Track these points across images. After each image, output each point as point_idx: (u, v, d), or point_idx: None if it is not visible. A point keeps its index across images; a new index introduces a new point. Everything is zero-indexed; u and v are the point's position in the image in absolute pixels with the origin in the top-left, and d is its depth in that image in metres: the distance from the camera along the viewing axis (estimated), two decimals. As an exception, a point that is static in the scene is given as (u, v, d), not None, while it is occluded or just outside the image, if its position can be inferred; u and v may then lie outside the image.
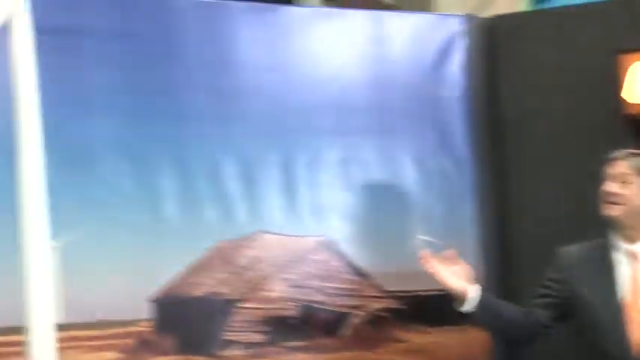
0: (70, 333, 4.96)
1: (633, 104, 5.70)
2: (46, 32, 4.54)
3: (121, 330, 5.20)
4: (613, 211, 4.64)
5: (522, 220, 5.96)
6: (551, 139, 5.86)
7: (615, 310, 4.61)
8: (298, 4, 8.59)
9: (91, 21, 5.24)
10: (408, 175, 5.97)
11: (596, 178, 4.71)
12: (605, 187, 4.66)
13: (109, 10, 5.32)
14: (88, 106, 5.21)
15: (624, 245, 4.68)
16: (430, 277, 5.45)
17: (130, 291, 5.23)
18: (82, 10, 5.24)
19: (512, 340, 5.17)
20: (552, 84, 5.94)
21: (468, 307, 4.73)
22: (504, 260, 6.00)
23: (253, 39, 5.70)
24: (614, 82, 5.73)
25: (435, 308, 5.74)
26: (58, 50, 5.03)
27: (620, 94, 5.71)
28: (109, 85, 5.26)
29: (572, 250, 4.84)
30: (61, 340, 4.62)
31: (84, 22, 5.23)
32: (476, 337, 5.77)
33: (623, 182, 4.64)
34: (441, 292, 5.62)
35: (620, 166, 4.68)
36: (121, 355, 5.18)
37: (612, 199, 4.64)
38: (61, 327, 4.69)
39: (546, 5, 6.97)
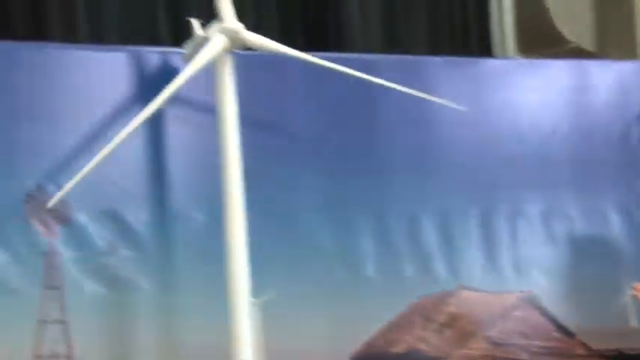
0: None
1: None
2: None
3: None
4: None
5: None
6: None
7: None
8: (497, 57, 8.65)
9: (290, 86, 5.33)
10: (614, 228, 5.84)
11: None
12: None
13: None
14: (289, 165, 5.28)
15: None
16: (638, 333, 5.51)
17: (330, 347, 5.23)
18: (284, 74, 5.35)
19: None
20: None
21: None
22: None
23: (454, 93, 5.62)
24: None
25: None
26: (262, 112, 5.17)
27: None
28: (311, 146, 5.33)
29: None
30: None
31: (285, 86, 5.30)
32: None
33: None
34: None
35: None
36: None
37: None
38: None
39: None
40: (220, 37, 4.75)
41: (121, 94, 5.10)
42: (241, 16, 4.88)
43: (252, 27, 4.93)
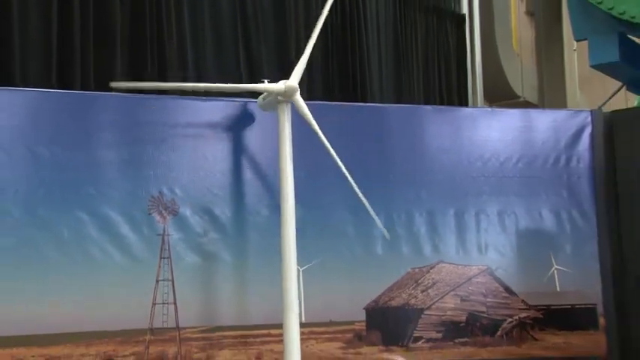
0: (310, 329, 4.94)
1: None
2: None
3: (344, 328, 5.08)
4: None
5: (633, 258, 5.48)
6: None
7: None
8: (470, 106, 8.55)
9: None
10: (546, 223, 5.60)
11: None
12: None
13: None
14: (326, 178, 5.06)
15: None
16: (561, 295, 5.44)
17: (350, 302, 5.11)
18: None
19: None
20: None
21: None
22: (619, 287, 5.51)
23: (440, 130, 5.50)
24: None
25: (563, 318, 5.47)
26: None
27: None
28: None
29: None
30: (304, 333, 4.66)
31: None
32: (592, 338, 5.47)
33: None
34: (568, 307, 5.51)
35: None
36: (343, 345, 5.07)
37: None
38: (304, 325, 4.75)
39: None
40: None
41: (216, 127, 4.96)
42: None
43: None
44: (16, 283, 4.36)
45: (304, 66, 4.62)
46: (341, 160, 4.99)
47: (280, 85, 4.53)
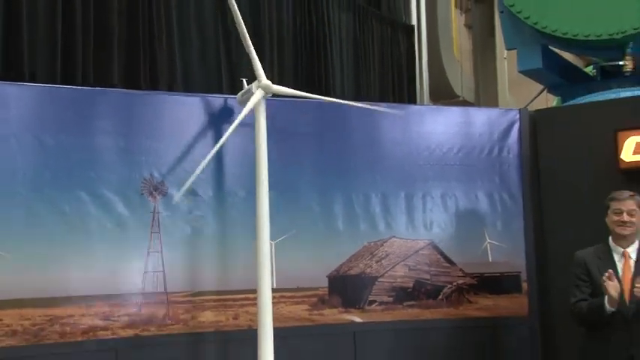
0: (280, 294, 4.93)
1: (627, 162, 5.21)
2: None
3: (309, 293, 5.07)
4: (625, 231, 4.35)
5: (552, 233, 5.52)
6: (571, 184, 5.41)
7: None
8: (418, 104, 8.56)
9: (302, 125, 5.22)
10: (481, 204, 5.60)
11: (603, 210, 4.43)
12: (619, 217, 4.35)
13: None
14: (295, 164, 5.11)
15: (620, 248, 4.36)
16: (492, 264, 5.45)
17: (315, 271, 5.10)
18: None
19: None
20: (572, 150, 5.51)
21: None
22: (540, 257, 5.56)
23: (391, 125, 5.45)
24: (614, 148, 5.25)
25: (493, 284, 5.50)
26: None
27: (618, 156, 5.23)
28: (311, 156, 5.20)
29: (585, 252, 4.46)
30: (275, 297, 4.66)
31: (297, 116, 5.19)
32: (517, 300, 5.50)
33: (631, 214, 4.35)
34: (497, 274, 5.55)
35: (628, 203, 4.37)
36: (309, 307, 5.06)
37: (625, 224, 4.35)
38: (275, 290, 4.73)
39: (567, 103, 6.49)
40: (259, 91, 4.57)
41: (200, 122, 4.92)
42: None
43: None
44: (26, 254, 4.32)
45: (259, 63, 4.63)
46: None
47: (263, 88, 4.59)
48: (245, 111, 4.53)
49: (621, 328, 4.19)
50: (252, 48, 4.60)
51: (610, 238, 4.43)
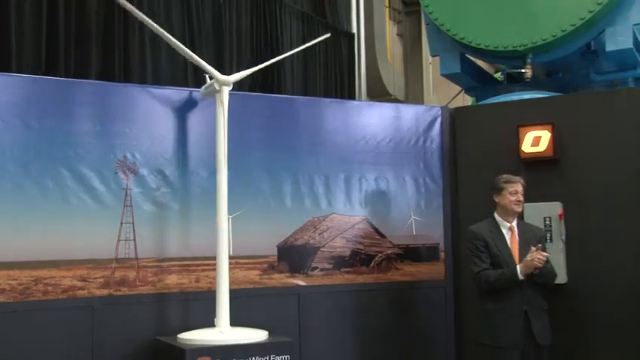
0: (236, 260, 4.92)
1: (526, 153, 5.30)
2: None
3: (261, 260, 5.07)
4: (519, 209, 4.61)
5: (466, 211, 5.57)
6: (482, 170, 5.43)
7: (508, 254, 4.49)
8: (356, 100, 8.53)
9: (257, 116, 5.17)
10: (408, 186, 5.65)
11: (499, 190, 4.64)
12: (515, 197, 4.57)
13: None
14: (250, 149, 5.09)
15: (507, 223, 4.59)
16: (416, 237, 5.47)
17: (266, 242, 5.10)
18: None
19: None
20: (483, 142, 5.58)
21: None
22: (454, 229, 5.65)
23: (333, 117, 5.47)
24: (517, 141, 5.34)
25: (417, 253, 5.57)
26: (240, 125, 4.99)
27: (519, 148, 5.32)
28: (263, 142, 5.15)
29: (479, 226, 4.65)
30: (231, 263, 4.68)
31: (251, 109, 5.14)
32: (435, 267, 5.57)
33: (522, 195, 4.59)
34: (419, 245, 5.60)
35: (521, 185, 4.61)
36: (260, 272, 5.06)
37: (520, 203, 4.59)
38: (232, 257, 4.74)
39: (480, 102, 6.60)
40: (223, 88, 4.58)
41: (168, 111, 4.86)
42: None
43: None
44: (13, 220, 4.25)
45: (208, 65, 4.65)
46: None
47: (220, 79, 4.59)
48: (225, 102, 4.55)
49: (515, 289, 4.39)
50: (189, 51, 4.64)
51: (496, 214, 4.63)
